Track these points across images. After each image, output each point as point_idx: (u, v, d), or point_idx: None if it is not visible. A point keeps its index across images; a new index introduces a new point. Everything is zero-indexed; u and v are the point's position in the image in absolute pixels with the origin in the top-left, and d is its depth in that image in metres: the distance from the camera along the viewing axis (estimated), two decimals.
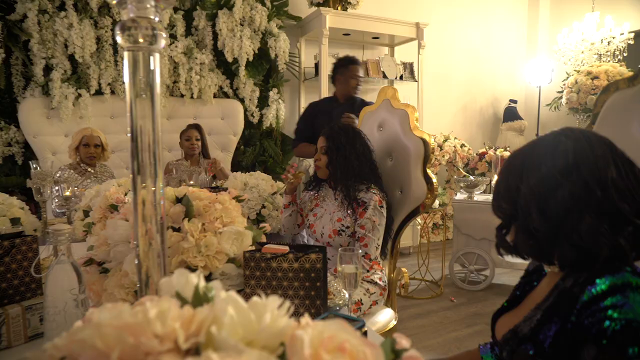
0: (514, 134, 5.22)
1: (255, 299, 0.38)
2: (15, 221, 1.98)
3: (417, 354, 0.42)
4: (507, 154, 3.76)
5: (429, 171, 1.92)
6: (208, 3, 3.56)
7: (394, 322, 1.82)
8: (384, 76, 4.17)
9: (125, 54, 0.53)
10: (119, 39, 0.52)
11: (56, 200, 2.19)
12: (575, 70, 4.63)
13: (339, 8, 3.91)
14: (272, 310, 0.37)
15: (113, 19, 3.27)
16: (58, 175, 2.67)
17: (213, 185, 2.62)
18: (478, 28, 5.23)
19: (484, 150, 4.14)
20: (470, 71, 5.25)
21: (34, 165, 2.21)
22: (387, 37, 4.36)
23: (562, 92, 4.76)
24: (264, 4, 3.70)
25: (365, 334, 0.80)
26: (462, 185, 3.59)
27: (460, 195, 3.65)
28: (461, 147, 4.62)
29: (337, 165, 1.85)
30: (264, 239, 1.14)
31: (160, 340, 0.31)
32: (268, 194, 2.34)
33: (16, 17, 2.96)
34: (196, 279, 0.42)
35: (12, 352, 1.00)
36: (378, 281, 1.78)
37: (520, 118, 5.24)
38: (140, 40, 0.51)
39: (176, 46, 3.44)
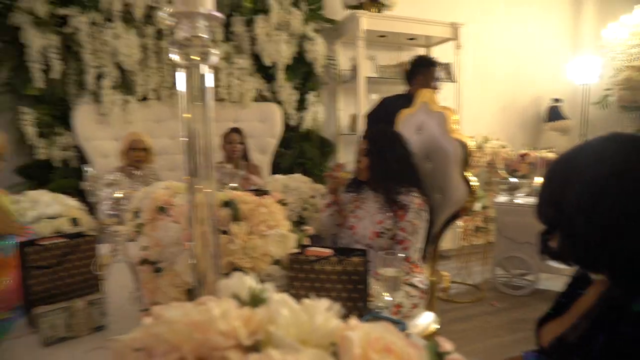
0: (557, 134, 5.06)
1: (306, 300, 0.42)
2: (74, 221, 2.11)
3: (460, 357, 0.44)
4: (551, 155, 3.65)
5: (468, 174, 1.91)
6: (245, 9, 3.64)
7: (435, 326, 1.82)
8: None
9: (183, 70, 0.58)
10: (174, 56, 0.56)
11: (107, 202, 2.31)
12: (627, 66, 4.43)
13: (374, 10, 3.92)
14: (322, 312, 0.40)
15: (156, 27, 3.40)
16: (112, 178, 2.81)
17: (255, 187, 2.69)
18: (518, 25, 5.09)
19: (525, 151, 4.04)
20: (510, 70, 5.13)
21: (87, 169, 2.34)
22: (424, 38, 4.33)
23: (610, 89, 4.57)
24: (299, 8, 3.76)
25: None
26: (503, 187, 3.52)
27: (502, 198, 3.58)
28: (502, 148, 4.52)
29: (378, 168, 1.87)
30: (306, 241, 1.18)
31: (224, 337, 0.35)
32: (308, 196, 2.39)
33: (70, 30, 3.13)
34: (251, 282, 0.46)
35: (79, 341, 1.08)
36: (418, 284, 1.79)
37: (564, 117, 5.07)
38: (194, 57, 0.55)
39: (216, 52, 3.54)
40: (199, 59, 0.55)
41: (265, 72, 3.79)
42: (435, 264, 2.02)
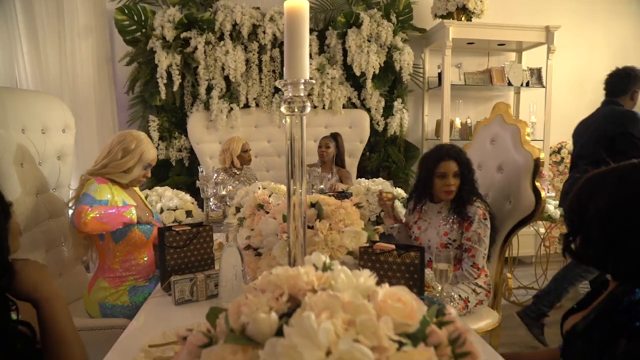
0: None
1: (355, 271, 0.67)
2: (188, 213, 2.55)
3: (455, 315, 0.66)
4: None
5: (537, 184, 2.01)
6: (339, 23, 3.94)
7: (495, 324, 1.97)
8: (509, 84, 4.14)
9: (287, 117, 0.86)
10: (283, 109, 0.84)
11: (213, 199, 2.73)
12: None
13: (463, 19, 4.00)
14: (364, 277, 0.65)
15: (259, 43, 3.82)
16: (221, 178, 3.26)
17: (340, 190, 2.97)
18: (619, 24, 4.80)
19: None
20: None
21: (201, 169, 2.79)
22: (515, 43, 4.31)
23: None
24: (389, 20, 3.97)
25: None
26: None
27: None
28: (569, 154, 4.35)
29: (468, 188, 1.96)
30: (377, 238, 1.43)
31: (306, 284, 0.62)
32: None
33: (190, 49, 3.68)
34: (324, 258, 0.72)
35: (199, 304, 1.44)
36: (483, 284, 1.94)
37: None
38: (295, 110, 0.83)
39: (310, 64, 3.89)
40: (297, 111, 0.83)
41: (355, 81, 4.06)
42: (501, 266, 2.15)
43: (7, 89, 2.29)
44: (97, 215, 1.74)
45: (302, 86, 0.83)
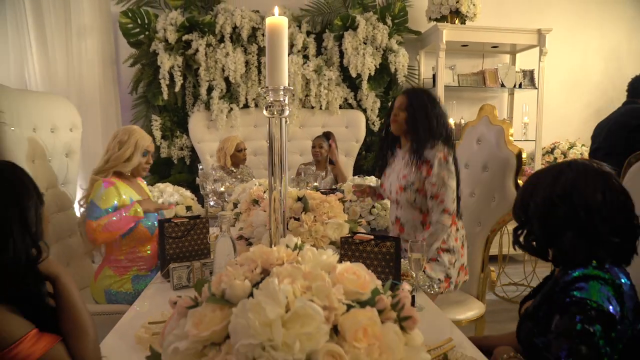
0: None
1: (321, 250, 0.79)
2: (188, 208, 2.68)
3: (407, 292, 0.78)
4: None
5: (519, 181, 2.13)
6: (336, 26, 4.06)
7: (480, 314, 2.10)
8: (502, 85, 4.25)
9: (269, 119, 0.99)
10: (265, 112, 0.97)
11: (212, 195, 2.86)
12: None
13: (457, 22, 4.11)
14: (328, 255, 0.78)
15: (259, 45, 3.95)
16: (219, 175, 3.39)
17: (333, 187, 3.09)
18: (611, 27, 4.89)
19: None
20: (607, 72, 4.93)
21: (201, 167, 2.91)
22: (508, 45, 4.41)
23: None
24: (385, 23, 4.08)
25: (413, 298, 1.16)
26: None
27: None
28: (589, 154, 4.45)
29: (417, 123, 1.90)
30: (359, 229, 1.55)
31: (277, 259, 0.74)
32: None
33: (191, 51, 3.81)
34: (296, 240, 0.84)
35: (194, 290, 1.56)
36: (454, 243, 1.96)
37: None
38: (275, 113, 0.96)
39: (308, 65, 4.01)
40: (277, 114, 0.95)
41: (351, 82, 4.18)
42: (486, 260, 2.25)
43: (19, 91, 2.42)
44: (104, 227, 1.91)
45: (281, 92, 0.96)
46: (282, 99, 0.96)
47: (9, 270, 0.98)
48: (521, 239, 1.12)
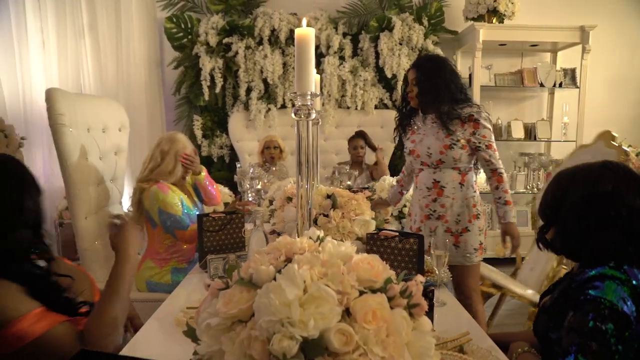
0: None
1: (340, 242, 0.87)
2: (226, 205, 2.82)
3: (419, 287, 0.84)
4: None
5: None
6: (371, 27, 4.10)
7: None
8: (541, 85, 4.16)
9: (297, 122, 1.07)
10: (293, 116, 1.05)
11: (250, 192, 2.98)
12: None
13: (495, 21, 4.06)
14: (346, 246, 0.85)
15: None
16: (256, 172, 3.51)
17: (366, 186, 3.15)
18: None
19: None
20: None
21: (239, 165, 3.05)
22: (549, 44, 4.32)
23: None
24: (421, 23, 4.09)
25: (432, 292, 1.21)
26: None
27: None
28: (637, 155, 4.29)
29: (429, 94, 1.94)
30: (386, 226, 1.61)
31: (300, 249, 0.82)
32: (410, 195, 2.77)
33: (231, 54, 3.96)
34: (319, 232, 0.92)
35: None
36: (480, 207, 2.02)
37: None
38: (302, 116, 1.04)
39: (344, 66, 4.08)
40: (304, 117, 1.04)
41: (387, 83, 4.21)
42: None
43: (76, 95, 2.64)
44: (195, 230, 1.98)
45: (308, 97, 1.04)
46: (309, 103, 1.04)
47: (13, 251, 1.06)
48: (548, 237, 1.14)
